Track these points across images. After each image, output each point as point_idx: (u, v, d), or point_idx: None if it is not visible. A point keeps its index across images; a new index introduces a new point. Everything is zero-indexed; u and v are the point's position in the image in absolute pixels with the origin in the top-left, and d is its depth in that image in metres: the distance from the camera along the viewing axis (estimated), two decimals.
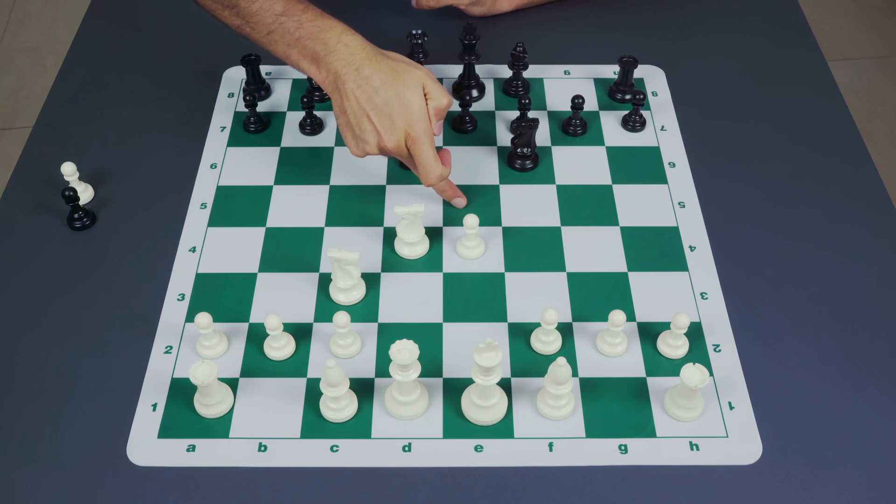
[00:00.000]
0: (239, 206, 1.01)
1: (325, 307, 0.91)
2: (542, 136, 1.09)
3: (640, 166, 1.06)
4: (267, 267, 0.95)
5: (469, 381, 0.84)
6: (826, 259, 0.96)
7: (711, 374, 0.86)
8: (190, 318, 0.90)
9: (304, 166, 1.06)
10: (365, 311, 0.91)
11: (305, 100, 1.08)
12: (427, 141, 0.93)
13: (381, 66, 0.93)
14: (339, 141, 1.09)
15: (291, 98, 1.15)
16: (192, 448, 0.81)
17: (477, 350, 0.79)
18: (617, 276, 0.94)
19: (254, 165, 1.06)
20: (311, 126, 1.09)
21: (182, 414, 0.83)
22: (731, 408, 0.84)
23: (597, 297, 0.92)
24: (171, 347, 0.88)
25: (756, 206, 1.02)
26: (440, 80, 1.16)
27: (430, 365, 0.86)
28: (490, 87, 1.16)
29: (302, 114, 1.11)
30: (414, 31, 1.12)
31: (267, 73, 1.17)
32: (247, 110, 1.09)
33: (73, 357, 0.88)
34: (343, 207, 1.01)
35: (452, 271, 0.95)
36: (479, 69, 1.17)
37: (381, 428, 0.82)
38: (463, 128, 1.10)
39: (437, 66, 1.17)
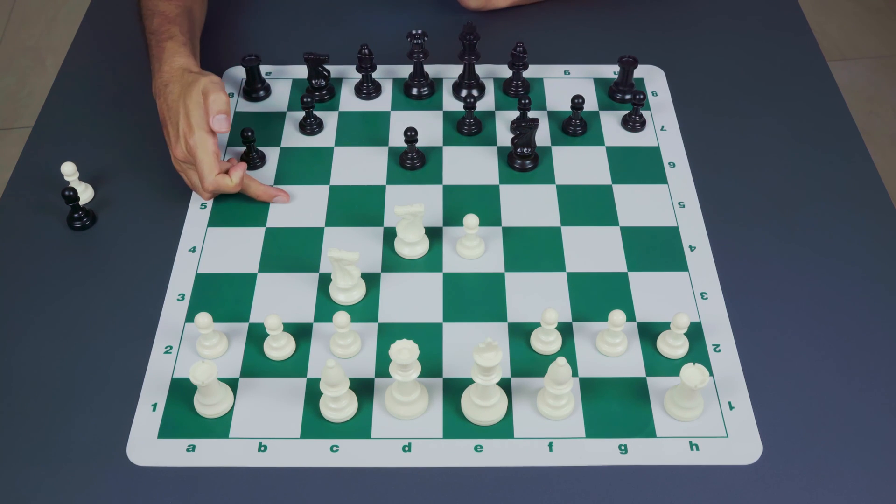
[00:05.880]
0: (239, 206, 1.01)
1: (325, 307, 0.91)
2: (542, 136, 1.09)
3: (640, 166, 1.06)
4: (267, 267, 0.95)
5: (469, 381, 0.84)
6: (826, 259, 0.96)
7: (711, 374, 0.86)
8: (190, 318, 0.90)
9: (304, 166, 1.06)
10: (365, 311, 0.91)
11: (306, 100, 1.08)
12: (202, 147, 0.95)
13: (180, 81, 0.99)
14: (340, 141, 1.09)
15: (291, 98, 1.15)
16: (192, 448, 0.81)
17: (477, 350, 0.79)
18: (617, 276, 0.94)
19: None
20: (311, 126, 1.09)
21: (182, 414, 0.83)
22: (731, 408, 0.84)
23: (597, 297, 0.92)
24: (171, 347, 0.88)
25: (756, 206, 1.02)
26: (440, 80, 1.16)
27: (430, 365, 0.86)
28: (490, 87, 1.15)
29: (302, 114, 1.11)
30: (414, 31, 1.12)
31: (267, 73, 1.17)
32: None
33: (73, 357, 0.88)
34: (343, 207, 1.01)
35: (452, 271, 0.95)
36: (479, 69, 1.17)
37: (381, 428, 0.82)
38: (467, 130, 1.10)
39: (438, 66, 1.17)
